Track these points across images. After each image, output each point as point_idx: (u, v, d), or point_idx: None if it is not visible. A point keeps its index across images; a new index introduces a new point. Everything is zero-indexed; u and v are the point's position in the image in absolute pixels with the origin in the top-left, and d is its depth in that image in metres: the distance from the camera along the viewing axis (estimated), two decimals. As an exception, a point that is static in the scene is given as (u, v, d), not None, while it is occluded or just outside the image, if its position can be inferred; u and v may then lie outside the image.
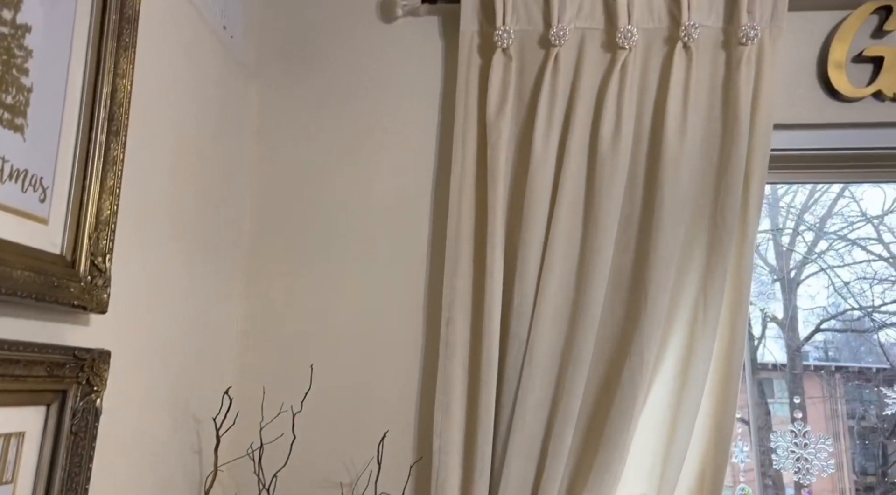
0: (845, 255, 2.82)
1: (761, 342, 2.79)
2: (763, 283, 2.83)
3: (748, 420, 2.64)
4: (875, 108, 1.64)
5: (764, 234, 2.80)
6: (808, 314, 2.73)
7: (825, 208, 2.94)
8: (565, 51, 1.64)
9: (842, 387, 2.98)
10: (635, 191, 1.59)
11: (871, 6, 1.62)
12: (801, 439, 1.58)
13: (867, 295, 2.47)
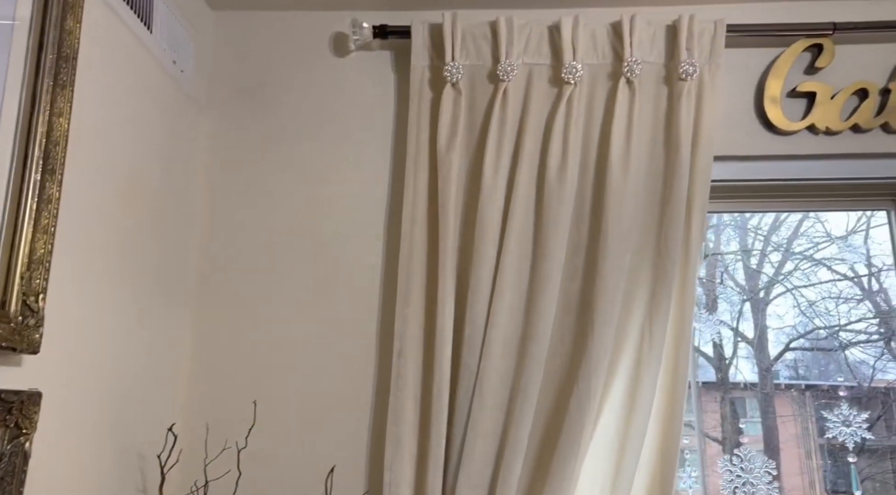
0: (811, 275, 2.90)
1: (732, 362, 2.83)
2: (734, 304, 2.88)
3: (722, 440, 2.67)
4: (809, 141, 1.71)
5: (732, 256, 2.87)
6: (778, 333, 2.78)
7: (791, 230, 3.04)
8: (513, 85, 1.68)
9: (812, 406, 3.05)
10: (583, 221, 1.63)
11: (804, 44, 1.69)
12: (747, 463, 1.61)
13: (833, 314, 2.53)
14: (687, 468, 1.77)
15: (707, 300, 3.29)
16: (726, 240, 3.33)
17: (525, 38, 1.70)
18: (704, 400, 3.62)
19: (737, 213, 2.27)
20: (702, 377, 3.42)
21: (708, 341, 2.82)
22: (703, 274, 3.43)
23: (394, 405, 1.53)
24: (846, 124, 1.68)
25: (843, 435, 1.76)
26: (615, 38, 1.68)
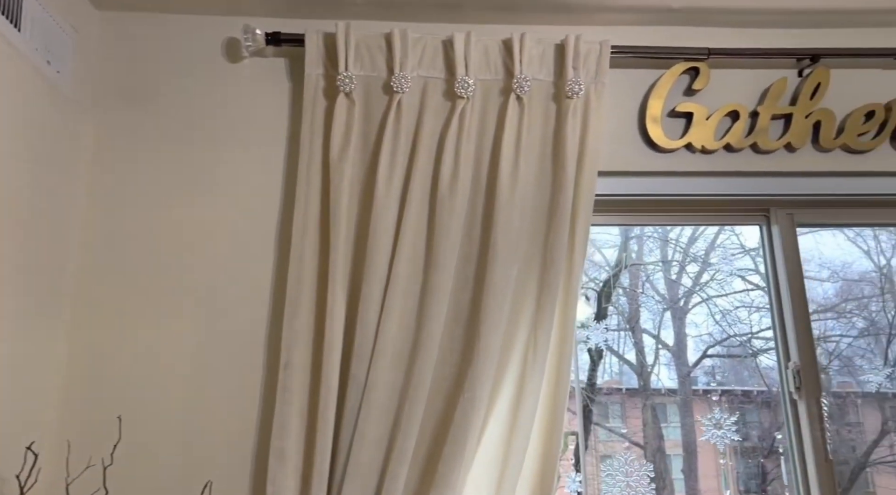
0: (726, 286, 3.07)
1: (654, 368, 2.94)
2: (655, 313, 2.98)
3: (644, 445, 2.76)
4: (687, 159, 1.81)
5: (654, 266, 2.98)
6: (697, 341, 2.90)
7: (708, 242, 3.20)
8: (408, 97, 1.69)
9: (727, 410, 3.22)
10: (474, 232, 1.65)
11: (682, 67, 1.79)
12: (628, 467, 1.67)
13: (745, 322, 2.67)
14: (572, 473, 1.82)
15: (630, 309, 3.41)
16: (648, 251, 3.46)
17: (420, 52, 1.72)
18: (628, 407, 3.75)
19: (658, 226, 2.37)
20: (626, 384, 3.54)
21: (631, 349, 2.91)
22: (626, 283, 3.56)
23: (279, 418, 1.51)
24: (720, 143, 1.78)
25: (714, 438, 1.86)
26: (506, 55, 1.72)
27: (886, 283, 3.29)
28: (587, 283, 3.70)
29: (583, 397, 2.49)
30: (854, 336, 3.38)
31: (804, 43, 1.82)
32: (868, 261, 3.48)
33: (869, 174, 1.82)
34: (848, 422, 4.03)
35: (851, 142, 1.78)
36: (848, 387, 4.07)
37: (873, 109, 1.78)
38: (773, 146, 1.79)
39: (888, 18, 1.84)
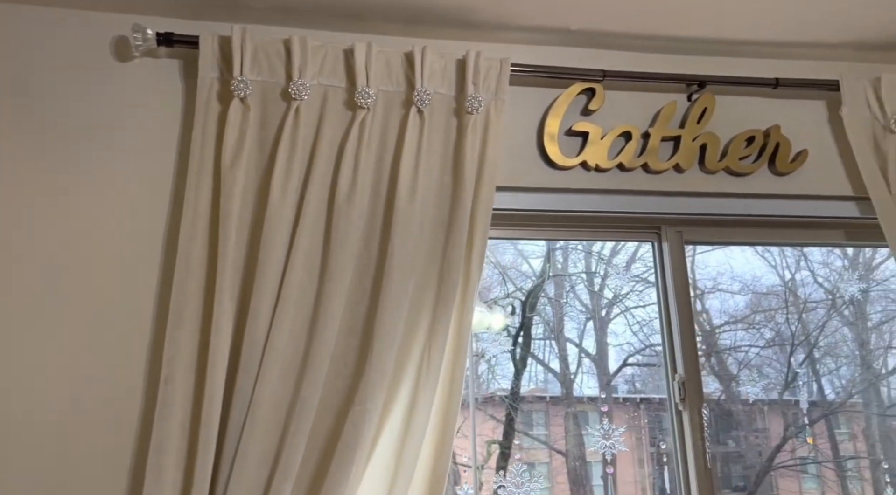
0: (645, 297, 3.18)
1: (576, 376, 3.00)
2: (579, 322, 3.04)
3: (565, 452, 2.79)
4: (582, 176, 1.86)
5: (577, 277, 3.05)
6: (618, 350, 2.97)
7: (629, 254, 3.31)
8: (307, 105, 1.67)
9: (645, 417, 3.33)
10: (372, 245, 1.64)
11: (579, 87, 1.85)
12: (517, 478, 1.69)
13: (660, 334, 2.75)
14: (465, 485, 1.82)
15: (554, 319, 3.47)
16: (573, 263, 3.53)
17: (320, 60, 1.70)
18: (551, 414, 3.80)
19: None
20: (550, 391, 3.59)
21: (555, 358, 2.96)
22: (551, 294, 3.63)
23: (157, 434, 1.44)
24: (613, 163, 1.85)
25: (602, 448, 1.91)
26: (408, 68, 1.73)
27: (790, 296, 3.48)
28: (513, 292, 3.75)
29: (506, 405, 2.52)
30: (762, 346, 3.56)
31: (693, 69, 1.91)
32: (775, 275, 3.67)
33: (750, 196, 1.92)
34: (755, 429, 4.24)
35: (734, 165, 1.89)
36: (756, 395, 4.27)
37: (754, 135, 1.89)
38: (662, 166, 1.86)
39: (769, 50, 1.97)
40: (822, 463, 4.43)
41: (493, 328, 3.28)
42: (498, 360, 3.61)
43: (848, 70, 1.95)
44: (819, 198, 1.93)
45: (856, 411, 4.29)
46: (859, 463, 4.39)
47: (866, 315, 3.93)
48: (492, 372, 3.67)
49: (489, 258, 3.87)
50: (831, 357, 4.04)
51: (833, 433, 4.28)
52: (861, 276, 3.73)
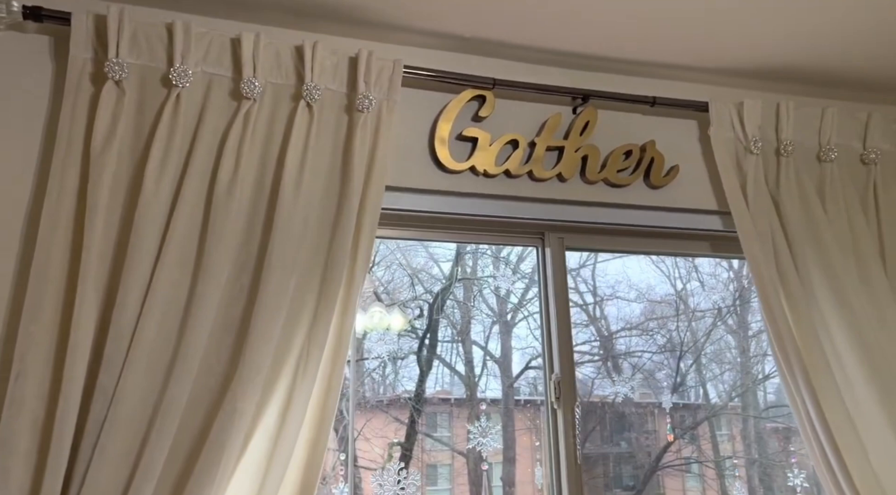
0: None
1: (481, 378, 3.02)
2: (486, 326, 3.07)
3: (466, 454, 2.77)
4: (471, 181, 1.90)
5: (486, 282, 3.09)
6: (521, 354, 3.01)
7: (535, 261, 3.38)
8: (189, 93, 1.61)
9: (543, 419, 3.39)
10: (252, 240, 1.60)
11: (470, 93, 1.89)
12: (397, 476, 1.70)
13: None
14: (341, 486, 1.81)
15: (462, 322, 3.49)
16: (482, 268, 3.57)
17: (205, 47, 1.64)
18: (455, 416, 3.82)
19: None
20: (455, 394, 3.61)
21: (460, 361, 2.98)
22: (460, 296, 3.65)
23: (3, 433, 1.34)
24: (500, 169, 1.90)
25: (480, 445, 1.96)
26: (298, 61, 1.70)
27: (682, 305, 3.68)
28: (422, 295, 3.76)
29: (410, 407, 2.52)
30: (654, 351, 3.74)
31: (578, 83, 2.00)
32: (668, 285, 3.88)
33: (626, 206, 2.03)
34: (646, 430, 4.45)
35: (612, 176, 1.99)
36: (647, 398, 4.50)
37: (631, 149, 2.00)
38: (546, 175, 1.94)
39: (648, 69, 2.09)
40: (704, 462, 4.73)
41: (394, 328, 3.28)
42: (404, 363, 3.61)
43: (716, 93, 2.10)
44: (688, 211, 2.06)
45: (735, 413, 4.62)
46: (735, 463, 4.72)
47: (747, 324, 4.22)
48: (396, 374, 3.67)
49: (399, 261, 3.87)
50: (716, 363, 4.32)
51: (714, 434, 4.59)
52: (743, 288, 3.99)
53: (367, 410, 2.48)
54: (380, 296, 3.14)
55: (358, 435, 2.44)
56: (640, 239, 2.11)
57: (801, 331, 1.87)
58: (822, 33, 1.92)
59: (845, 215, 2.01)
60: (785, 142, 2.01)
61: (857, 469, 1.74)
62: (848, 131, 2.09)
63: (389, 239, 1.99)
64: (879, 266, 1.98)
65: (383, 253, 3.58)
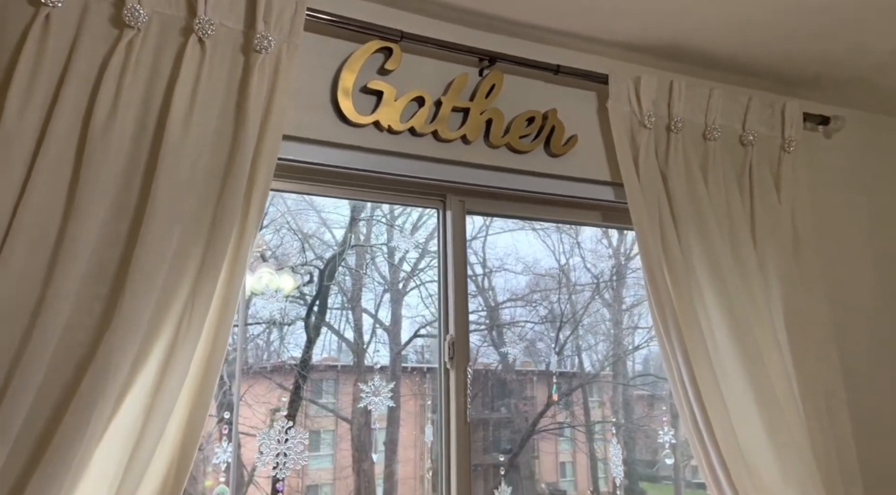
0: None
1: (369, 346, 2.98)
2: (377, 294, 3.03)
3: (351, 420, 2.74)
4: (374, 136, 1.84)
5: (379, 249, 3.03)
6: (411, 322, 2.99)
7: (429, 230, 3.35)
8: (61, 14, 1.44)
9: (430, 386, 3.42)
10: (133, 182, 1.47)
11: (376, 44, 1.82)
12: (283, 435, 1.65)
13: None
14: (223, 443, 1.73)
15: (353, 289, 3.42)
16: (376, 235, 3.49)
17: (87, -37, 1.46)
18: (341, 383, 3.76)
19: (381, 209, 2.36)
20: (342, 361, 3.54)
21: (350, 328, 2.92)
22: (352, 263, 3.56)
23: None
24: (405, 126, 1.85)
25: (372, 404, 1.95)
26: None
27: (564, 279, 3.82)
28: (312, 261, 3.66)
29: (295, 374, 2.45)
30: (536, 322, 3.87)
31: (486, 44, 1.98)
32: (552, 259, 4.01)
33: (527, 173, 2.05)
34: (525, 396, 4.64)
35: (515, 142, 2.00)
36: (528, 366, 4.68)
37: (534, 116, 2.02)
38: (451, 136, 1.91)
39: (554, 38, 2.11)
40: (576, 426, 5.03)
41: (284, 290, 3.18)
42: (290, 329, 3.52)
43: (616, 67, 2.16)
44: (583, 181, 2.12)
45: (607, 381, 4.92)
46: (604, 427, 5.07)
47: (621, 298, 4.48)
48: (282, 340, 3.57)
49: (290, 225, 3.73)
50: (592, 334, 4.56)
51: (587, 400, 4.89)
52: (620, 264, 4.22)
53: (249, 376, 2.40)
54: (266, 258, 3.03)
55: (240, 402, 2.36)
56: (538, 206, 2.15)
57: (679, 299, 1.98)
58: (710, 17, 2.01)
59: (724, 193, 2.14)
60: (676, 118, 2.10)
61: (720, 427, 1.89)
62: (730, 113, 2.22)
63: (285, 192, 1.90)
64: (750, 243, 2.14)
65: (272, 215, 3.47)
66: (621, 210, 2.09)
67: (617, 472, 4.09)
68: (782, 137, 2.25)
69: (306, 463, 1.64)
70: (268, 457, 1.77)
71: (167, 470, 1.40)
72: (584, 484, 5.27)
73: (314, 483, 4.13)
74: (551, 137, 2.04)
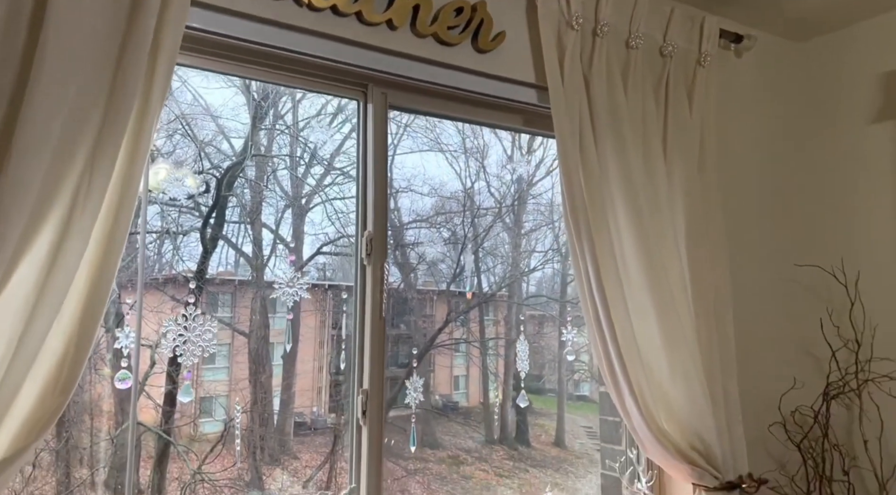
0: (346, 190, 3.16)
1: (269, 261, 2.89)
2: (278, 208, 2.91)
3: (248, 334, 2.67)
4: (294, 11, 1.70)
5: (280, 160, 2.91)
6: (314, 239, 2.91)
7: (336, 145, 3.19)
8: None
9: (331, 302, 3.37)
10: (17, 34, 1.30)
11: None
12: (191, 322, 1.57)
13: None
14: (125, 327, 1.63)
15: (253, 203, 3.24)
16: (278, 148, 3.29)
17: None
18: (239, 297, 3.63)
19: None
20: (240, 275, 3.40)
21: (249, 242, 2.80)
22: (252, 175, 3.36)
23: None
24: (327, 3, 1.72)
25: (286, 296, 1.90)
26: None
27: (468, 202, 3.85)
28: (209, 170, 3.43)
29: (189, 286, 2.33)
30: (440, 243, 3.91)
31: (417, -76, 1.84)
32: (458, 182, 4.01)
33: (452, 67, 1.98)
34: (425, 314, 4.75)
35: (442, 33, 1.91)
36: (429, 285, 4.75)
37: (462, 6, 1.93)
38: (376, 19, 1.80)
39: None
40: (471, 342, 5.24)
41: (187, 185, 3.01)
42: (185, 241, 3.34)
43: (549, -36, 2.09)
44: (508, 81, 2.08)
45: (502, 301, 5.11)
46: (498, 343, 5.32)
47: (521, 223, 4.59)
48: (176, 251, 3.38)
49: (186, 131, 3.46)
50: (492, 256, 4.67)
51: (483, 319, 5.10)
52: (522, 190, 4.29)
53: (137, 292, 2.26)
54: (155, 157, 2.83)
55: (128, 314, 2.25)
56: (461, 105, 2.10)
57: (592, 205, 2.02)
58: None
59: (641, 102, 2.18)
60: (602, 22, 2.09)
61: (620, 326, 1.99)
62: (653, 23, 2.23)
63: (192, 68, 1.72)
64: (661, 154, 2.20)
65: (164, 118, 3.22)
66: (542, 115, 2.08)
67: (506, 384, 4.26)
68: (699, 51, 2.30)
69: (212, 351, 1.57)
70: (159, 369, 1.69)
71: (65, 350, 1.30)
72: (475, 396, 5.56)
73: (208, 394, 4.07)
74: (479, 31, 1.97)
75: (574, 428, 5.79)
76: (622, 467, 2.27)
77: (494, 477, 5.29)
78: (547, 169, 4.58)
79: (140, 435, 3.63)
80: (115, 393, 3.61)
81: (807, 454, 2.31)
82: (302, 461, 4.42)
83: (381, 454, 1.85)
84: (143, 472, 3.74)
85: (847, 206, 2.52)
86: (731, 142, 2.51)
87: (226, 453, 3.97)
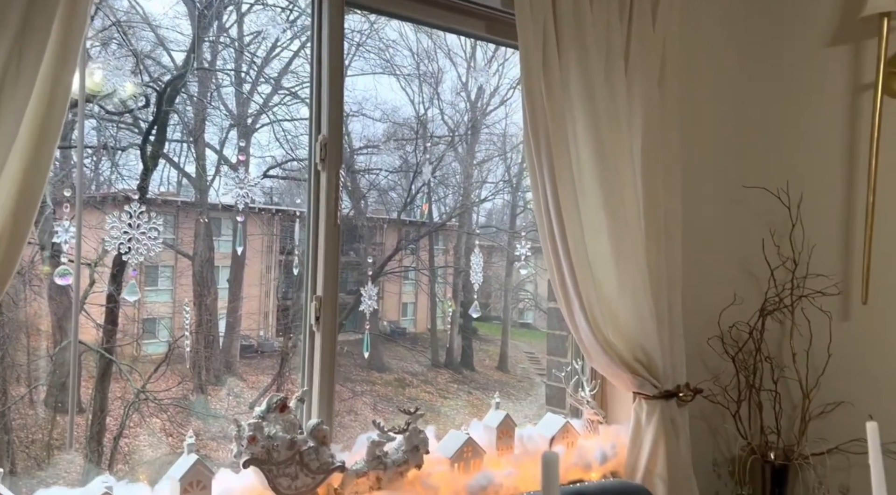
0: (294, 112, 3.00)
1: (213, 183, 2.78)
2: (222, 128, 2.76)
3: (192, 256, 2.53)
4: None
5: (227, 77, 2.75)
6: (260, 162, 2.80)
7: (283, 64, 3.00)
8: None
9: (278, 227, 3.27)
10: None
11: None
12: (136, 220, 1.50)
13: (305, 147, 2.70)
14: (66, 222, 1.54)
15: (196, 121, 3.05)
16: (222, 62, 3.07)
17: None
18: (182, 218, 3.49)
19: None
20: (183, 196, 3.25)
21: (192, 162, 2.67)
22: (195, 91, 3.15)
23: None
24: None
25: (239, 198, 1.84)
26: None
27: (421, 129, 3.75)
28: (149, 83, 3.19)
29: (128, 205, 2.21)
30: (391, 171, 3.82)
31: None
32: (412, 108, 3.88)
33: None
34: (374, 242, 4.72)
35: (404, -76, 1.80)
36: (380, 213, 4.70)
37: None
38: None
39: None
40: (420, 270, 5.27)
41: (127, 91, 2.83)
42: (123, 157, 3.18)
43: None
44: (473, -17, 1.99)
45: (452, 231, 5.11)
46: (447, 271, 5.38)
47: (474, 153, 4.53)
48: (115, 169, 3.18)
49: (119, 41, 3.20)
50: (443, 186, 4.62)
51: (433, 247, 5.12)
52: (476, 119, 4.21)
53: (76, 205, 2.14)
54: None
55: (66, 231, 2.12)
56: (422, 5, 2.01)
57: (553, 118, 1.99)
58: None
59: (605, 14, 2.12)
60: (571, -73, 2.00)
61: (573, 239, 2.00)
62: (622, -67, 2.16)
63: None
64: (622, 69, 2.17)
65: (98, 26, 3.01)
66: (505, 23, 2.01)
67: (453, 311, 4.30)
68: (665, -34, 2.25)
69: (158, 250, 1.50)
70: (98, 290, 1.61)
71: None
72: (423, 322, 5.65)
73: (151, 316, 3.98)
74: (445, -75, 1.86)
75: (517, 353, 6.00)
76: (567, 377, 2.35)
77: (439, 399, 5.46)
78: (501, 98, 4.51)
79: (80, 354, 3.54)
80: (52, 311, 3.48)
81: (740, 366, 2.43)
82: (248, 382, 4.42)
83: (335, 357, 1.85)
84: (85, 392, 3.68)
85: (797, 130, 2.57)
86: (691, 62, 2.51)
87: (170, 373, 3.93)
